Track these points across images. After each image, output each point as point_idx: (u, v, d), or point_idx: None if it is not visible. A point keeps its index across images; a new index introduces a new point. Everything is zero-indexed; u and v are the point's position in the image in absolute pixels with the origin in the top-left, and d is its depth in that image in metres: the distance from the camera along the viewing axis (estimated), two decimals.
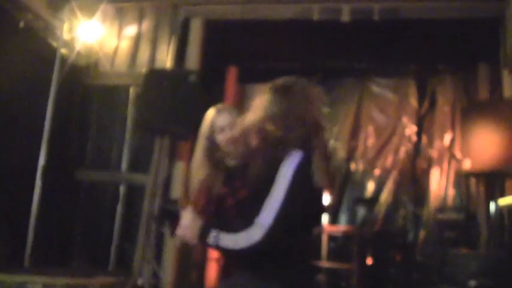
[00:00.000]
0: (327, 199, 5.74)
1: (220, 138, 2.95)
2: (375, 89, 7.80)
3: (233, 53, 7.00)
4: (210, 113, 3.02)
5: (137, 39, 6.44)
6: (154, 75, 5.68)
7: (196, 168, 2.99)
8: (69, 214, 6.16)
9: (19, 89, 5.43)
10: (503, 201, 3.51)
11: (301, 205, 2.36)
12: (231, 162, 3.00)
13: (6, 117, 5.27)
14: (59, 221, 5.99)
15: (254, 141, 2.56)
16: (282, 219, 2.29)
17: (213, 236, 2.37)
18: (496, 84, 6.38)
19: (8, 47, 5.28)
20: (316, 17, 6.06)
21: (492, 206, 5.68)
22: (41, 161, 5.59)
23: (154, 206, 5.73)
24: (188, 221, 2.44)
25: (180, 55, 6.25)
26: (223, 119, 2.96)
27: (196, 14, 6.37)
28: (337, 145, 7.71)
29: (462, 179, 6.89)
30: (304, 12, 6.12)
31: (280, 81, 2.62)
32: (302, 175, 2.35)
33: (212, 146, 2.97)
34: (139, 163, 6.31)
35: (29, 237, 5.40)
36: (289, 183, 2.32)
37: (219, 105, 3.08)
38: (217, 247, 2.39)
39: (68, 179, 6.23)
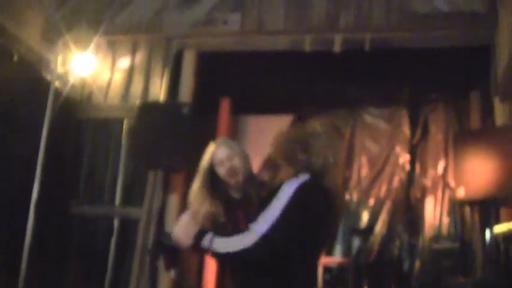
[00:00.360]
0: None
1: (220, 170, 3.03)
2: (368, 118, 7.83)
3: (226, 84, 7.02)
4: (210, 147, 3.11)
5: (130, 72, 6.46)
6: (148, 107, 5.71)
7: (194, 200, 3.03)
8: (62, 248, 6.11)
9: (13, 121, 5.42)
10: (499, 228, 3.51)
11: (301, 225, 2.44)
12: (235, 193, 3.06)
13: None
14: (53, 255, 5.93)
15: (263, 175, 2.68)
16: (277, 231, 2.36)
17: (208, 238, 2.48)
18: (488, 112, 6.40)
19: (2, 79, 5.29)
20: (308, 48, 6.11)
21: (487, 234, 5.69)
22: (34, 194, 5.56)
23: (148, 240, 5.69)
24: (185, 223, 2.61)
25: (174, 87, 6.28)
26: (222, 152, 3.06)
27: (189, 46, 6.41)
28: None
29: (456, 207, 6.88)
30: (297, 44, 6.17)
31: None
32: (303, 195, 2.45)
33: (213, 179, 3.05)
34: (134, 196, 6.28)
35: (22, 271, 5.35)
36: (289, 199, 2.41)
37: (218, 139, 3.20)
38: (210, 250, 2.48)
39: (62, 212, 6.18)
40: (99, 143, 6.49)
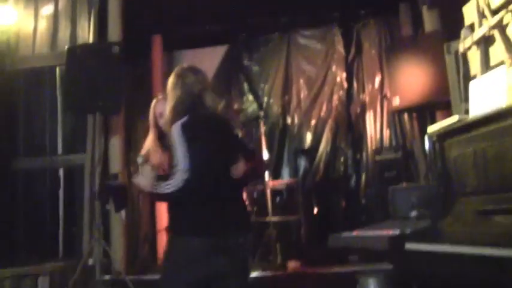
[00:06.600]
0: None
1: (161, 122, 3.30)
2: (302, 41, 7.83)
3: (156, 21, 6.90)
4: (153, 102, 3.39)
5: (55, 18, 6.29)
6: (77, 51, 5.59)
7: (151, 152, 3.29)
8: (8, 207, 6.03)
9: None
10: (431, 129, 3.61)
11: (202, 150, 2.90)
12: None
13: None
14: None
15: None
16: (196, 163, 2.83)
17: (154, 185, 2.93)
18: (417, 21, 6.49)
19: None
20: None
21: (426, 140, 5.85)
22: None
23: (95, 184, 5.67)
24: (147, 173, 3.01)
25: (102, 29, 6.14)
26: (161, 106, 3.30)
27: None
28: (271, 101, 7.77)
29: (396, 117, 7.01)
30: None
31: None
32: (187, 131, 2.89)
33: (160, 131, 3.31)
34: (76, 144, 6.23)
35: None
36: (180, 139, 2.87)
37: (159, 95, 3.45)
38: (156, 194, 2.96)
39: (2, 170, 6.08)
40: (33, 95, 6.37)
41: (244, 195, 4.67)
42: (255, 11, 7.08)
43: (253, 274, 4.84)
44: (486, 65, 3.51)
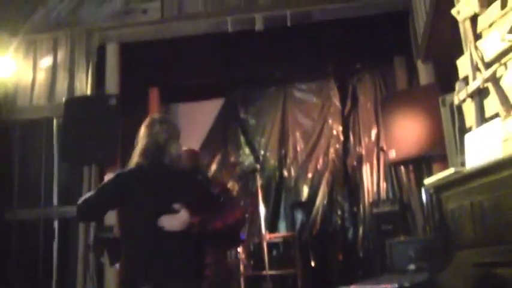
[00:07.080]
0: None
1: None
2: (298, 94, 7.91)
3: (153, 73, 6.96)
4: None
5: (54, 70, 6.34)
6: (74, 103, 5.63)
7: None
8: (1, 258, 5.95)
9: None
10: (428, 181, 3.61)
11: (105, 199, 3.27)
12: None
13: None
14: None
15: None
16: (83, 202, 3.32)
17: None
18: (412, 75, 6.56)
19: None
20: (230, 29, 6.10)
21: (423, 192, 5.84)
22: None
23: (90, 236, 5.62)
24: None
25: (99, 81, 6.19)
26: None
27: (111, 39, 6.34)
28: (268, 154, 7.79)
29: (392, 170, 7.02)
30: (218, 26, 6.16)
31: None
32: (112, 180, 3.26)
33: None
34: (71, 195, 6.17)
35: None
36: (104, 182, 3.32)
37: None
38: None
39: None
40: (29, 146, 6.35)
41: (240, 249, 4.65)
42: (252, 65, 7.15)
43: None
44: (481, 117, 3.51)
